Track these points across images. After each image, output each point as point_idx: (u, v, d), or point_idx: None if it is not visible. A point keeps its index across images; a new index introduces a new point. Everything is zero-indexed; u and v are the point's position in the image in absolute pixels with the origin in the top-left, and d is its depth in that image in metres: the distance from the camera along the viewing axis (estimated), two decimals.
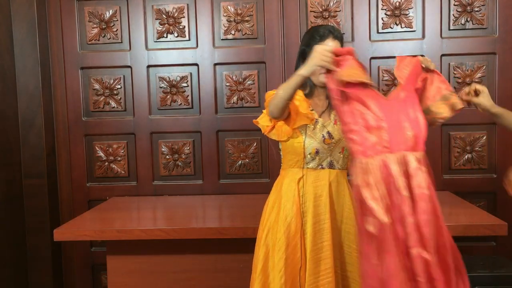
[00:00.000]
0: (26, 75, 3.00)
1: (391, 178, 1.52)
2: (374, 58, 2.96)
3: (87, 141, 3.13)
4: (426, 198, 1.52)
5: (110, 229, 2.34)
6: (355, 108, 1.58)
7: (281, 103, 1.74)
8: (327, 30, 1.86)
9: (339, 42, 1.86)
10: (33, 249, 3.03)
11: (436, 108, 1.69)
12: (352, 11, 2.96)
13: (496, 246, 2.96)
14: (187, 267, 2.42)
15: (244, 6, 3.00)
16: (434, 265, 1.49)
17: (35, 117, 3.01)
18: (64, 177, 3.14)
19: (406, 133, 1.56)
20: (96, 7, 3.06)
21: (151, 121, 3.08)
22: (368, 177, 1.52)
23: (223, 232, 2.26)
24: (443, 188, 2.96)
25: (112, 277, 2.45)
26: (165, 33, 3.05)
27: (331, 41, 1.84)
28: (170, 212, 2.73)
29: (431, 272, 1.49)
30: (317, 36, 1.86)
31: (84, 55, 3.09)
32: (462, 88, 2.92)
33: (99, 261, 3.09)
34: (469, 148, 2.96)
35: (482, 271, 2.46)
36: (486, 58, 2.93)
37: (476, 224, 2.22)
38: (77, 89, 3.10)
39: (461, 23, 2.92)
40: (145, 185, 3.11)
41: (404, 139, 1.55)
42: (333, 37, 1.85)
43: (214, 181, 3.08)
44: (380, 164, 1.53)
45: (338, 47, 1.82)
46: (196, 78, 3.06)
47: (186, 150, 3.08)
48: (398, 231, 1.50)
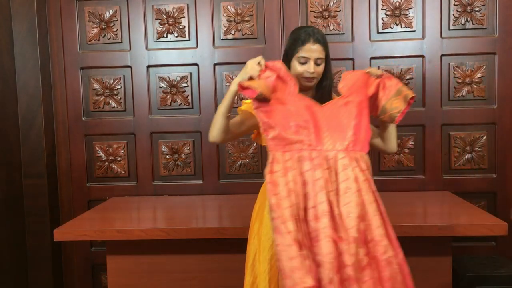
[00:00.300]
0: (26, 75, 3.00)
1: (305, 173, 1.65)
2: (374, 58, 2.96)
3: (87, 141, 3.13)
4: (350, 190, 1.63)
5: (110, 229, 2.34)
6: (279, 109, 1.72)
7: (221, 119, 1.84)
8: (307, 34, 1.86)
9: (320, 45, 1.85)
10: (33, 249, 3.03)
11: (391, 105, 1.78)
12: (352, 11, 2.96)
13: (496, 246, 2.96)
14: (187, 267, 2.42)
15: (244, 6, 3.00)
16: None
17: (35, 117, 3.01)
18: (64, 177, 3.14)
19: (338, 135, 1.70)
20: (96, 7, 3.06)
21: (151, 121, 3.08)
22: (278, 180, 1.65)
23: (223, 232, 2.26)
24: (443, 188, 2.97)
25: (112, 277, 2.45)
26: (165, 33, 3.05)
27: (312, 45, 1.84)
28: (170, 212, 2.73)
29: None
30: (298, 40, 1.86)
31: (84, 55, 3.09)
32: (462, 88, 2.94)
33: (99, 261, 3.09)
34: (469, 148, 2.96)
35: (482, 271, 2.46)
36: (486, 58, 2.93)
37: (476, 224, 2.22)
38: (77, 89, 3.10)
39: (461, 23, 2.92)
40: (145, 185, 3.11)
41: (335, 140, 1.69)
42: (313, 41, 1.84)
43: (214, 181, 3.08)
44: (296, 158, 1.67)
45: (319, 50, 1.84)
46: (196, 78, 3.06)
47: (186, 150, 3.09)
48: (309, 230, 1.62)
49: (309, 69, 1.84)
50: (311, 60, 1.84)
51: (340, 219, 1.61)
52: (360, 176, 1.68)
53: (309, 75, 1.85)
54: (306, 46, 1.84)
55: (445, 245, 2.34)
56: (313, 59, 1.84)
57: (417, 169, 3.00)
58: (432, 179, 2.98)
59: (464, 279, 2.43)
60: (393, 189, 2.98)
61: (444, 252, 2.34)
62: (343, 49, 2.97)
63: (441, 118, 2.96)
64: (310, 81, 1.88)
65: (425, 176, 2.99)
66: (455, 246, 2.70)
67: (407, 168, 3.00)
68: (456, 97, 2.96)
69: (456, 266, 2.50)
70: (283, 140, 1.70)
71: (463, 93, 2.95)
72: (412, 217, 2.45)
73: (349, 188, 1.65)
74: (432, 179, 2.98)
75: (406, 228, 2.21)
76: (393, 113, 1.78)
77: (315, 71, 1.85)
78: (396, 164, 3.00)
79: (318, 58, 1.85)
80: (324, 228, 1.60)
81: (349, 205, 1.63)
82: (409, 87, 2.83)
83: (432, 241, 2.31)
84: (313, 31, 1.87)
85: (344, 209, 1.62)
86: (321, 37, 1.87)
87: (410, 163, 3.00)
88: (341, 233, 1.60)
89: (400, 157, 3.00)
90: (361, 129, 1.75)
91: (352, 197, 1.64)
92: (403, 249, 2.24)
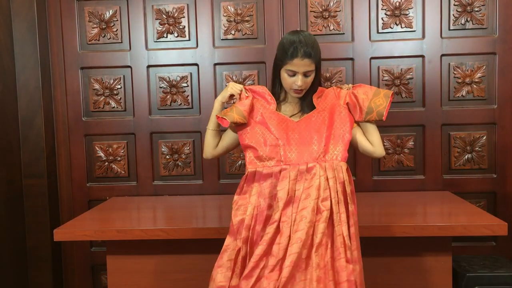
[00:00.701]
0: (26, 75, 3.00)
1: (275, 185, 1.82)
2: (374, 58, 2.96)
3: (87, 141, 3.13)
4: (310, 197, 1.76)
5: (110, 229, 2.34)
6: (257, 131, 1.89)
7: (209, 136, 2.02)
8: (295, 49, 1.82)
9: (309, 59, 1.82)
10: (33, 249, 3.03)
11: (375, 103, 1.90)
12: (352, 11, 2.96)
13: (496, 246, 2.96)
14: (187, 267, 2.42)
15: (244, 6, 3.00)
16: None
17: (35, 117, 3.01)
18: (64, 177, 3.14)
19: (307, 148, 1.84)
20: (96, 7, 3.06)
21: (151, 121, 3.08)
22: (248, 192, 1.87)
23: (223, 232, 2.25)
24: (443, 188, 2.97)
25: (112, 277, 2.45)
26: (165, 33, 3.05)
27: (300, 60, 1.81)
28: (170, 212, 2.73)
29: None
30: (287, 53, 1.83)
31: (84, 55, 3.09)
32: (462, 88, 2.94)
33: (99, 261, 3.09)
34: (469, 148, 2.96)
35: (482, 271, 2.46)
36: (486, 58, 2.93)
37: (476, 224, 2.22)
38: (77, 89, 3.10)
39: (461, 23, 2.92)
40: (145, 185, 3.11)
41: (304, 153, 1.83)
42: (301, 56, 1.81)
43: (214, 181, 3.08)
44: (268, 172, 1.83)
45: (307, 64, 1.82)
46: (196, 78, 3.06)
47: (186, 150, 3.09)
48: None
49: (296, 82, 1.85)
50: (299, 74, 1.84)
51: (293, 224, 1.75)
52: (323, 184, 1.78)
53: (297, 87, 1.87)
54: (294, 61, 1.82)
55: (445, 245, 2.34)
56: (301, 73, 1.84)
57: (417, 169, 3.00)
58: (432, 179, 2.98)
59: (464, 279, 2.43)
60: (393, 189, 2.99)
61: (444, 252, 2.34)
62: (343, 49, 2.97)
63: (441, 118, 2.96)
64: (299, 93, 1.90)
65: (425, 176, 2.99)
66: (455, 246, 2.70)
67: (407, 168, 3.00)
68: (456, 97, 2.96)
69: (456, 266, 2.50)
70: (258, 158, 1.86)
71: (463, 93, 2.95)
72: (412, 217, 2.45)
73: (309, 195, 1.77)
74: (432, 179, 2.98)
75: (406, 228, 2.21)
76: (380, 110, 1.90)
77: (303, 83, 1.86)
78: (396, 164, 3.00)
79: (307, 71, 1.85)
80: (268, 234, 1.76)
81: (305, 210, 1.75)
82: (408, 88, 2.84)
83: (432, 241, 2.31)
84: (301, 43, 1.81)
85: (298, 215, 1.75)
86: (311, 50, 1.82)
87: (410, 163, 3.00)
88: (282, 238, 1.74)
89: (400, 157, 3.00)
90: (334, 140, 1.86)
91: (309, 203, 1.75)
92: (403, 249, 2.24)
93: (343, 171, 1.82)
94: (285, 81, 1.88)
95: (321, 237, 1.73)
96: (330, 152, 1.84)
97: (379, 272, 2.31)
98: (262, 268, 1.73)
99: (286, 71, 1.86)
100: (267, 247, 1.74)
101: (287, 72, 1.86)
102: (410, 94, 2.96)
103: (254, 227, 1.81)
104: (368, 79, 2.96)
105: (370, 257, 1.92)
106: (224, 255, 1.84)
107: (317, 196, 1.77)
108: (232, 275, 1.81)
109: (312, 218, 1.74)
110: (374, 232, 2.20)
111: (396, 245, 2.33)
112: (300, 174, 1.80)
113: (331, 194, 1.78)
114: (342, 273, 1.73)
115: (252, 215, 1.83)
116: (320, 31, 2.97)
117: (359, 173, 2.99)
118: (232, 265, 1.82)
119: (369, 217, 2.40)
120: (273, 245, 1.74)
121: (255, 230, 1.81)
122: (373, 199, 2.81)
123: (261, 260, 1.74)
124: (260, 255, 1.74)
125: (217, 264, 1.85)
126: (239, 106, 1.91)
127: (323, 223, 1.74)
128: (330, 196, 1.77)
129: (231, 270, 1.82)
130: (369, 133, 1.95)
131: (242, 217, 1.84)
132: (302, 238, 1.71)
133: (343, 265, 1.73)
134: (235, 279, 1.80)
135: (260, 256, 1.74)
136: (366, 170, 2.99)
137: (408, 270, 2.36)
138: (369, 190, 2.97)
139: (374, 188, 3.00)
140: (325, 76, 2.98)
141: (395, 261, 2.36)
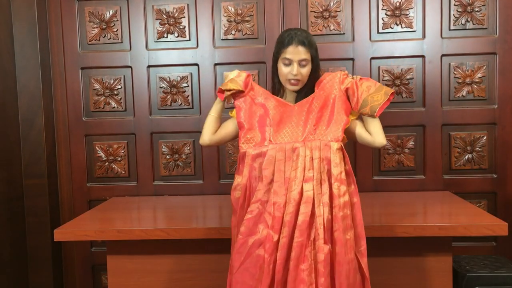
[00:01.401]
0: (27, 75, 3.00)
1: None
2: (374, 58, 2.96)
3: (88, 141, 3.13)
4: (297, 179, 1.80)
5: (110, 229, 2.34)
6: (254, 111, 1.94)
7: (209, 120, 2.03)
8: (290, 37, 1.90)
9: (303, 47, 1.89)
10: (33, 249, 3.03)
11: (372, 97, 1.90)
12: (353, 11, 2.96)
13: (496, 246, 2.96)
14: (187, 267, 2.42)
15: (244, 6, 3.00)
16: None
17: (36, 117, 3.01)
18: (64, 177, 3.14)
19: (298, 129, 1.88)
20: (97, 7, 3.06)
21: (151, 121, 3.09)
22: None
23: (223, 232, 2.26)
24: (443, 188, 2.97)
25: (112, 277, 2.45)
26: (166, 33, 3.05)
27: (295, 47, 1.88)
28: (171, 212, 2.73)
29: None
30: (283, 43, 1.91)
31: (85, 55, 3.09)
32: (463, 88, 2.94)
33: (100, 261, 3.09)
34: (470, 148, 2.96)
35: (482, 271, 2.46)
36: (487, 58, 2.93)
37: (476, 224, 2.22)
38: (77, 89, 3.10)
39: (461, 23, 2.92)
40: (146, 185, 3.11)
41: (297, 133, 1.87)
42: (296, 43, 1.88)
43: (214, 181, 3.08)
44: (257, 152, 1.87)
45: (303, 51, 1.88)
46: (196, 78, 3.06)
47: (186, 150, 3.09)
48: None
49: (292, 71, 1.89)
50: (295, 62, 1.89)
51: (280, 207, 1.80)
52: (307, 165, 1.81)
53: (292, 77, 1.89)
54: (289, 48, 1.88)
55: (446, 245, 2.34)
56: (296, 61, 1.88)
57: (417, 169, 3.00)
58: (432, 179, 2.98)
59: (464, 279, 2.43)
60: (393, 189, 2.99)
61: (445, 252, 2.34)
62: (343, 49, 2.97)
63: (441, 118, 2.96)
64: (295, 84, 1.92)
65: (425, 176, 2.99)
66: (455, 246, 2.70)
67: (407, 168, 3.00)
68: (457, 97, 2.96)
69: (456, 266, 2.50)
70: (248, 139, 1.91)
71: (463, 93, 2.95)
72: (412, 217, 2.45)
73: (296, 177, 1.81)
74: (432, 179, 2.98)
75: (406, 228, 2.21)
76: (374, 105, 1.89)
77: (299, 72, 1.89)
78: (397, 164, 3.00)
79: (302, 59, 1.88)
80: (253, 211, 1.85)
81: (293, 193, 1.79)
82: (408, 88, 2.84)
83: (432, 241, 2.31)
84: (296, 33, 1.90)
85: (289, 196, 1.80)
86: (305, 39, 1.89)
87: (410, 163, 3.00)
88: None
89: (401, 157, 3.00)
90: (326, 121, 1.88)
91: (296, 186, 1.80)
92: (403, 249, 2.25)
93: (332, 151, 1.83)
94: (281, 72, 1.92)
95: (303, 218, 1.77)
96: (318, 133, 1.87)
97: (379, 272, 2.30)
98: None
99: (282, 61, 1.90)
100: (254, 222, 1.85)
101: (283, 61, 1.90)
102: (411, 94, 2.96)
103: (248, 207, 1.87)
104: None
105: (370, 257, 1.91)
106: (232, 230, 1.98)
107: (302, 177, 1.80)
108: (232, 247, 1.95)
109: (299, 199, 1.79)
110: (375, 232, 2.20)
111: (397, 245, 2.33)
112: (287, 154, 1.84)
113: (314, 175, 1.80)
114: (320, 254, 1.76)
115: (245, 196, 1.90)
116: (320, 31, 2.97)
117: (359, 173, 2.99)
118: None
119: (370, 217, 2.40)
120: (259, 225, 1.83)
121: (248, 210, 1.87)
122: (373, 199, 2.81)
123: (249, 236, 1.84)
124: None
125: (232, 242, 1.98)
126: (236, 77, 1.95)
127: (305, 203, 1.78)
128: (313, 177, 1.80)
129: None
130: (368, 123, 1.96)
131: (238, 196, 1.93)
132: (292, 222, 1.78)
133: (321, 246, 1.76)
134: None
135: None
136: (366, 170, 2.99)
137: (408, 270, 2.36)
138: (369, 190, 2.97)
139: (375, 188, 3.00)
140: None
141: (395, 261, 2.36)
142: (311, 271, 1.75)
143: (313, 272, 1.76)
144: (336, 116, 1.89)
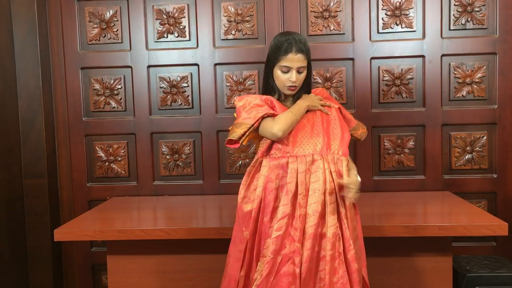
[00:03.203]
0: (27, 75, 3.00)
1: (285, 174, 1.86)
2: (374, 58, 2.96)
3: (88, 141, 3.13)
4: (318, 191, 1.81)
5: (110, 229, 2.34)
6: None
7: (294, 122, 1.91)
8: (289, 44, 1.89)
9: (303, 55, 1.89)
10: (33, 249, 3.03)
11: (359, 125, 2.12)
12: (353, 11, 2.96)
13: (496, 246, 2.96)
14: (187, 267, 2.43)
15: (244, 6, 3.00)
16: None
17: (36, 117, 3.01)
18: (64, 177, 3.14)
19: (315, 141, 1.89)
20: (97, 7, 3.06)
21: (152, 121, 3.09)
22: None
23: (223, 232, 2.25)
24: (443, 188, 2.97)
25: (112, 277, 2.45)
26: (166, 33, 3.05)
27: (294, 54, 1.88)
28: (171, 212, 2.73)
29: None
30: (281, 49, 1.90)
31: (85, 55, 3.09)
32: (463, 88, 2.94)
33: (100, 261, 3.09)
34: (470, 148, 2.96)
35: (482, 271, 2.46)
36: (487, 58, 2.93)
37: (476, 224, 2.22)
38: (77, 89, 3.10)
39: (461, 23, 2.92)
40: (146, 185, 3.11)
41: (314, 146, 1.88)
42: (295, 51, 1.88)
43: (214, 181, 3.08)
44: (275, 164, 1.86)
45: (301, 60, 1.90)
46: (196, 78, 3.06)
47: (186, 150, 3.09)
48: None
49: (291, 78, 1.90)
50: (293, 70, 1.90)
51: (303, 219, 1.79)
52: (328, 177, 1.82)
53: (291, 84, 1.91)
54: (288, 56, 1.88)
55: (446, 245, 2.34)
56: (295, 68, 1.90)
57: (417, 169, 3.00)
58: (433, 179, 2.98)
59: (465, 279, 2.43)
60: (393, 189, 2.99)
61: (445, 252, 2.34)
62: (343, 49, 2.97)
63: (441, 118, 2.95)
64: (292, 89, 1.94)
65: (425, 176, 2.99)
66: (455, 246, 2.70)
67: (407, 168, 3.00)
68: (457, 97, 2.96)
69: (456, 266, 2.50)
70: (268, 149, 1.91)
71: (463, 93, 2.95)
72: (412, 217, 2.45)
73: (318, 189, 1.81)
74: (432, 179, 2.98)
75: (406, 228, 2.21)
76: (363, 132, 2.11)
77: (297, 79, 1.91)
78: (397, 164, 3.00)
79: (300, 67, 1.90)
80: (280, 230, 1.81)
81: (314, 205, 1.79)
82: (408, 88, 2.84)
83: (432, 241, 2.31)
84: (295, 39, 1.90)
85: (309, 208, 1.79)
86: (304, 46, 1.90)
87: (410, 163, 3.00)
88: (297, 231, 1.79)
89: (401, 157, 3.00)
90: (333, 136, 1.92)
91: (317, 198, 1.80)
92: (403, 249, 2.25)
93: (343, 165, 1.86)
94: (279, 79, 1.93)
95: (333, 230, 1.78)
96: (332, 147, 1.89)
97: (379, 272, 2.31)
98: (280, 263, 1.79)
99: (280, 68, 1.91)
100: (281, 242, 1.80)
101: (281, 68, 1.90)
102: (411, 94, 2.96)
103: (262, 220, 1.84)
104: (368, 79, 2.96)
105: (370, 257, 1.92)
106: (233, 246, 1.93)
107: (324, 189, 1.81)
108: (242, 265, 1.87)
109: (322, 211, 1.79)
110: (375, 232, 2.20)
111: (397, 245, 2.34)
112: (307, 167, 1.84)
113: (336, 188, 1.82)
114: (353, 264, 1.79)
115: (259, 208, 1.85)
116: (321, 31, 2.97)
117: (359, 173, 2.94)
118: (241, 256, 1.87)
119: (370, 217, 2.40)
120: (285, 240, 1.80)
121: (263, 222, 1.84)
122: (373, 199, 2.81)
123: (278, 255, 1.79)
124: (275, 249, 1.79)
125: (228, 254, 1.95)
126: (241, 120, 1.93)
127: (332, 215, 1.79)
128: (334, 189, 1.82)
129: (241, 261, 1.88)
130: None
131: (250, 209, 1.87)
132: (313, 233, 1.77)
133: (353, 256, 1.80)
134: (244, 269, 1.87)
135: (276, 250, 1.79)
136: (366, 170, 2.99)
137: (408, 270, 2.36)
138: (369, 190, 2.97)
139: (375, 188, 3.00)
140: (326, 76, 2.98)
141: (395, 261, 2.37)
142: (345, 283, 1.76)
143: (348, 284, 1.77)
144: (343, 132, 1.94)
